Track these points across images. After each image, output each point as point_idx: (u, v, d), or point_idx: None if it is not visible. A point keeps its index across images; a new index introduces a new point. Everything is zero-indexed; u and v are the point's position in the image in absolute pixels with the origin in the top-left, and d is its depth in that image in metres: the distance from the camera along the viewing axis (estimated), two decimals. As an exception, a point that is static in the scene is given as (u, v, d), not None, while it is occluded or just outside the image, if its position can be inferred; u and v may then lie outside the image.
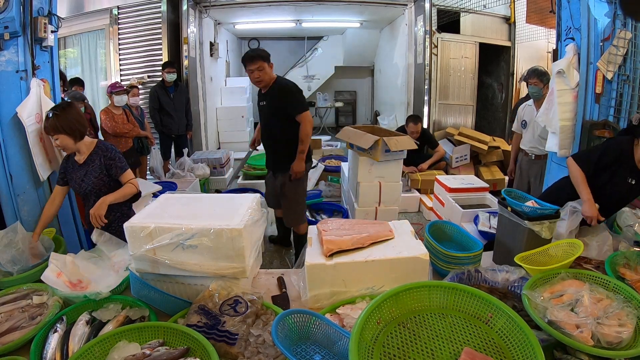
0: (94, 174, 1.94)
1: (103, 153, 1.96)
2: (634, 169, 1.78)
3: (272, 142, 2.76)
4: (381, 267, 1.32)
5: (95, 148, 1.98)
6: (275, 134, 2.71)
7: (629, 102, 2.23)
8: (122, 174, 1.97)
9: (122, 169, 1.98)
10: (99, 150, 1.97)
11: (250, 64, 2.51)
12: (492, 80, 6.23)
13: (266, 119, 2.72)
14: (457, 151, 4.96)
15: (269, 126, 2.73)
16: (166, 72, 4.41)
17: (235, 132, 6.87)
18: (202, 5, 5.61)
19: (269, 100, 2.63)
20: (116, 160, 1.97)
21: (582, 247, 1.37)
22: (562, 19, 2.50)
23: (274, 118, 2.66)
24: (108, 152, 1.97)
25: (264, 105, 2.68)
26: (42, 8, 2.17)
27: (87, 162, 1.96)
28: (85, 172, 1.95)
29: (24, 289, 1.45)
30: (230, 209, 1.46)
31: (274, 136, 2.72)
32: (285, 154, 2.67)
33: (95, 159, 1.96)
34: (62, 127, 1.85)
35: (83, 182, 1.95)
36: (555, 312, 1.09)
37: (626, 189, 1.82)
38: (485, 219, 3.01)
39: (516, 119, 3.29)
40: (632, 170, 1.79)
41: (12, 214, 2.13)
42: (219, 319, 1.18)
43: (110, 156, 1.96)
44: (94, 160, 1.96)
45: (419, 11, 5.49)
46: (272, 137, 2.74)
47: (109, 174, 1.96)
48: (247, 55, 2.54)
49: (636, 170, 1.78)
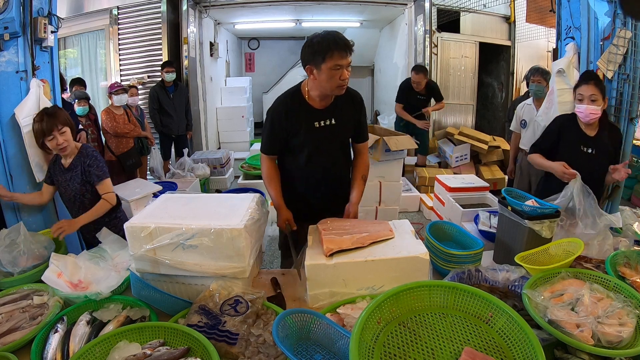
0: (77, 180, 1.91)
1: (83, 158, 1.90)
2: (584, 136, 1.96)
3: (330, 179, 1.83)
4: (381, 266, 1.32)
5: (78, 153, 1.93)
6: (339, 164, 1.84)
7: (629, 101, 2.23)
8: (99, 183, 1.90)
9: (100, 178, 1.89)
10: (81, 155, 1.92)
11: (344, 54, 1.54)
12: (492, 80, 6.23)
13: (328, 144, 1.76)
14: (458, 151, 4.96)
15: (331, 154, 1.79)
16: (165, 72, 4.41)
17: (235, 132, 6.88)
18: (202, 5, 5.61)
19: (339, 113, 1.72)
20: (94, 167, 1.90)
21: (583, 247, 1.37)
22: (562, 18, 2.50)
23: (345, 142, 1.83)
24: (87, 158, 1.90)
25: (328, 126, 1.71)
26: (42, 8, 2.17)
27: (71, 167, 1.94)
28: (70, 176, 1.93)
29: (25, 290, 1.45)
30: (231, 209, 1.46)
31: (335, 169, 1.84)
32: (343, 193, 1.86)
33: (78, 164, 1.92)
34: (67, 119, 1.86)
35: (68, 186, 1.94)
36: (556, 312, 1.09)
37: (586, 159, 1.94)
38: (486, 218, 3.00)
39: (515, 118, 3.28)
40: (582, 138, 1.96)
41: (13, 214, 2.13)
42: (219, 319, 1.18)
43: (89, 162, 1.89)
44: (77, 166, 1.93)
45: (418, 11, 5.48)
46: (330, 170, 1.82)
47: (87, 181, 1.91)
48: (340, 41, 1.53)
49: (586, 137, 1.95)
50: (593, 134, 1.97)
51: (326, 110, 1.70)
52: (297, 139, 1.71)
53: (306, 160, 1.75)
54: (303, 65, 1.62)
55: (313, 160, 1.75)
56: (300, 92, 1.70)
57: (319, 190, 1.81)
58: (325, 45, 1.51)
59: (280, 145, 1.75)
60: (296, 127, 1.69)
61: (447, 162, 5.05)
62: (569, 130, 2.00)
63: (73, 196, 1.95)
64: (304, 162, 1.75)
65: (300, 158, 1.75)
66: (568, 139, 1.99)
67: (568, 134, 2.00)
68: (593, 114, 1.90)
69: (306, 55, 1.59)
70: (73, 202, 1.97)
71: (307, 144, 1.71)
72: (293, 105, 1.68)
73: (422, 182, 4.51)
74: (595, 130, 1.98)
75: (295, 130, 1.69)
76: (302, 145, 1.72)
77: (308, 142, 1.71)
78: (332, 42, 1.51)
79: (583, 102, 1.91)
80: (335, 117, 1.71)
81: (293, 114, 1.68)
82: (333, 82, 1.55)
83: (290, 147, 1.75)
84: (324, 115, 1.70)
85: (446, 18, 5.39)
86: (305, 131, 1.69)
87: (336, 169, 1.82)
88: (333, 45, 1.50)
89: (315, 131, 1.69)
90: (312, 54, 1.55)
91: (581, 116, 1.94)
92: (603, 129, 1.99)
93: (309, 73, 1.60)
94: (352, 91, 1.75)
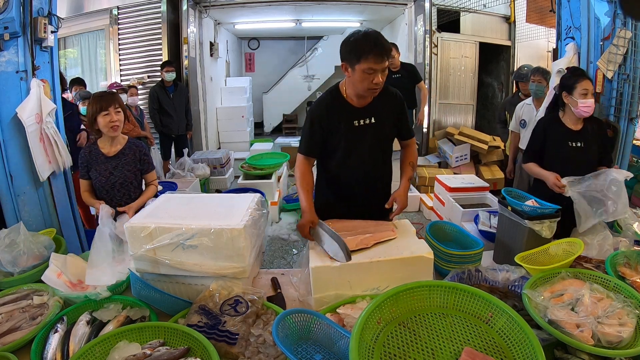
0: (127, 167, 2.03)
1: (138, 148, 2.08)
2: (569, 131, 2.00)
3: (369, 181, 1.76)
4: (386, 267, 1.32)
5: (128, 143, 2.08)
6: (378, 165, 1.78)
7: (629, 101, 2.23)
8: (150, 172, 2.12)
9: (152, 167, 2.14)
10: (133, 145, 2.08)
11: (381, 59, 1.47)
12: (492, 80, 6.23)
13: (367, 143, 1.69)
14: (458, 151, 4.96)
15: (371, 155, 1.72)
16: (165, 72, 4.41)
17: (235, 132, 6.88)
18: (202, 5, 5.61)
19: (379, 112, 1.67)
20: (148, 157, 2.11)
21: (583, 247, 1.37)
22: (562, 18, 2.50)
23: (385, 142, 1.77)
24: (142, 148, 2.11)
25: (367, 125, 1.66)
26: (42, 8, 2.17)
27: (118, 155, 2.03)
28: (115, 164, 2.02)
29: (25, 289, 1.44)
30: (230, 209, 1.46)
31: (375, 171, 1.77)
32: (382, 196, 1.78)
33: (129, 153, 2.05)
34: (123, 104, 2.00)
35: (112, 174, 2.01)
36: (556, 312, 1.09)
37: (575, 153, 1.99)
38: (486, 218, 3.00)
39: (514, 118, 3.27)
40: (568, 133, 2.01)
41: (13, 215, 2.13)
42: (219, 319, 1.18)
43: (145, 152, 2.10)
44: (127, 155, 2.04)
45: (418, 11, 5.48)
46: (370, 172, 1.75)
47: (140, 169, 2.08)
48: (380, 44, 1.46)
49: (572, 132, 2.00)
50: (578, 128, 2.01)
51: (365, 109, 1.66)
52: (336, 137, 1.67)
53: (345, 159, 1.70)
54: (341, 59, 1.57)
55: (352, 160, 1.69)
56: (339, 90, 1.67)
57: (357, 193, 1.75)
58: (363, 46, 1.46)
59: (318, 146, 1.70)
60: (336, 125, 1.65)
61: (447, 162, 5.05)
62: (554, 129, 2.04)
63: (116, 183, 2.01)
64: (343, 162, 1.70)
65: (338, 157, 1.70)
66: (554, 136, 2.03)
67: (553, 132, 2.04)
68: (591, 107, 1.94)
69: (343, 51, 1.54)
70: (114, 189, 2.03)
71: (346, 142, 1.67)
72: (333, 103, 1.66)
73: (422, 182, 4.51)
74: (581, 125, 2.02)
75: (335, 128, 1.65)
76: (341, 143, 1.67)
77: (348, 141, 1.67)
78: (371, 45, 1.45)
79: (588, 97, 1.92)
80: (375, 116, 1.66)
81: (333, 112, 1.65)
82: (365, 84, 1.51)
83: (329, 147, 1.70)
84: (364, 114, 1.65)
85: (446, 18, 5.39)
86: (345, 130, 1.65)
87: (375, 171, 1.76)
88: (371, 47, 1.45)
89: (354, 130, 1.65)
90: (348, 52, 1.51)
91: (587, 111, 1.94)
92: (588, 122, 2.02)
93: (344, 69, 1.57)
94: (391, 90, 1.72)
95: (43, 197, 2.27)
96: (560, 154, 2.01)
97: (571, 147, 2.00)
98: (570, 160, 1.97)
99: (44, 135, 2.18)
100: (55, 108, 2.27)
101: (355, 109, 1.65)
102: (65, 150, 2.34)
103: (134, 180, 2.06)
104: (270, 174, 4.22)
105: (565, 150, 2.00)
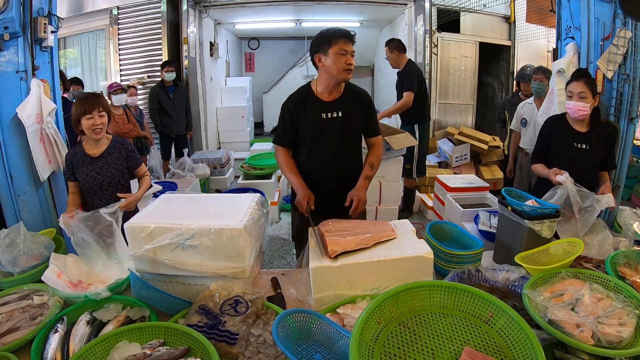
0: (113, 166, 2.02)
1: (123, 146, 2.07)
2: (575, 133, 2.01)
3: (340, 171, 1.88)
4: (386, 267, 1.32)
5: (112, 142, 2.07)
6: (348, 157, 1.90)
7: (629, 101, 2.23)
8: (139, 166, 2.12)
9: (140, 162, 2.13)
10: (117, 143, 2.07)
11: (348, 41, 1.71)
12: (492, 80, 6.23)
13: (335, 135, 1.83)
14: (458, 151, 4.96)
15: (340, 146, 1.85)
16: (165, 72, 4.41)
17: (235, 132, 6.87)
18: (202, 5, 5.60)
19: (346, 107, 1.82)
20: (135, 152, 2.11)
21: (583, 247, 1.37)
22: (562, 18, 2.49)
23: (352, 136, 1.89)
24: (127, 145, 2.10)
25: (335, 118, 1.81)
26: (42, 8, 2.17)
27: (104, 155, 2.02)
28: (101, 164, 2.01)
29: (25, 289, 1.44)
30: (230, 209, 1.46)
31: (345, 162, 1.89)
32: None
33: (114, 152, 2.04)
34: (108, 107, 1.98)
35: (99, 174, 2.00)
36: (556, 312, 1.09)
37: (580, 154, 2.00)
38: (486, 218, 3.00)
39: (515, 117, 3.27)
40: (573, 135, 2.02)
41: (13, 215, 2.14)
42: (219, 319, 1.18)
43: (131, 148, 2.10)
44: (112, 154, 2.04)
45: (418, 11, 5.48)
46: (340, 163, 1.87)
47: (128, 166, 2.06)
48: (344, 30, 1.72)
49: (578, 133, 2.01)
50: (584, 130, 2.02)
51: (333, 104, 1.81)
52: (305, 129, 1.82)
53: (313, 148, 1.83)
54: (312, 57, 1.78)
55: (322, 151, 1.83)
56: (310, 87, 1.85)
57: (330, 183, 1.86)
58: (331, 32, 1.72)
59: (291, 136, 1.86)
60: (305, 117, 1.81)
61: (447, 162, 5.05)
62: (560, 129, 2.05)
63: (103, 182, 2.00)
64: (313, 152, 1.84)
65: (309, 149, 1.85)
66: (560, 137, 2.05)
67: (559, 132, 2.05)
68: (581, 110, 1.93)
69: (314, 46, 1.76)
70: (102, 189, 2.02)
71: (313, 133, 1.82)
72: (302, 97, 1.83)
73: (422, 182, 4.50)
74: (587, 128, 2.02)
75: (304, 119, 1.81)
76: (309, 134, 1.82)
77: (315, 132, 1.81)
78: (337, 31, 1.72)
79: (572, 99, 1.95)
80: (342, 110, 1.81)
81: (302, 105, 1.82)
82: (339, 65, 1.70)
83: (300, 139, 1.86)
84: (331, 107, 1.81)
85: (446, 18, 5.39)
86: (312, 121, 1.80)
87: (346, 162, 1.87)
88: (338, 32, 1.71)
89: (322, 121, 1.81)
90: (319, 43, 1.74)
91: (570, 112, 1.99)
92: (595, 126, 2.02)
93: (318, 62, 1.76)
94: (359, 89, 1.89)
95: (43, 197, 2.27)
96: (565, 154, 2.01)
97: (576, 149, 2.00)
98: (575, 161, 1.97)
99: (44, 135, 2.19)
100: (55, 108, 2.27)
101: (324, 102, 1.81)
102: (65, 150, 2.34)
103: (121, 178, 2.05)
104: (270, 174, 4.23)
105: (570, 151, 2.00)
